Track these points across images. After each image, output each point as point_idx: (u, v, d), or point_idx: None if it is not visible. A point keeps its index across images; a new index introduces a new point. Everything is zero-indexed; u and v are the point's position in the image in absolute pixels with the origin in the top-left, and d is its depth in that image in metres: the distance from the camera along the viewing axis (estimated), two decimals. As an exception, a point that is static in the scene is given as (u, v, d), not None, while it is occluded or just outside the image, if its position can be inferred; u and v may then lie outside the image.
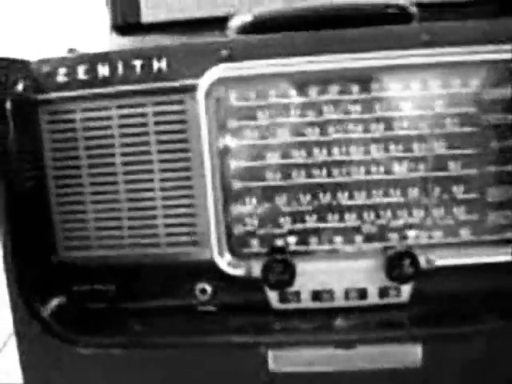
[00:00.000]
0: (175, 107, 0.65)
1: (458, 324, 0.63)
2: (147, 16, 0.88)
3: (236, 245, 0.68)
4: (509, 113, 0.64)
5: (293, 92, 0.65)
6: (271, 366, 0.62)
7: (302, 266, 0.66)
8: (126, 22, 0.90)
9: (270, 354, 0.62)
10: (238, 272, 0.66)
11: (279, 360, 0.62)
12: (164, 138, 0.66)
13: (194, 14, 0.87)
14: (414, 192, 0.66)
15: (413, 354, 0.61)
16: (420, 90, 0.65)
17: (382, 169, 0.66)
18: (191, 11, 0.87)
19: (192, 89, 0.65)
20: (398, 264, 0.64)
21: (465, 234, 0.67)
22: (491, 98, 0.64)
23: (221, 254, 0.66)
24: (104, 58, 0.66)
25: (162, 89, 0.65)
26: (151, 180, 0.67)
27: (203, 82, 0.64)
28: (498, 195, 0.66)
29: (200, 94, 0.64)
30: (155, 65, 0.65)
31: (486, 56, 0.63)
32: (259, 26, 0.66)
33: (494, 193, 0.66)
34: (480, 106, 0.65)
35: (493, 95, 0.64)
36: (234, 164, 0.67)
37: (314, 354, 0.62)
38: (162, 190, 0.67)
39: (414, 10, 0.68)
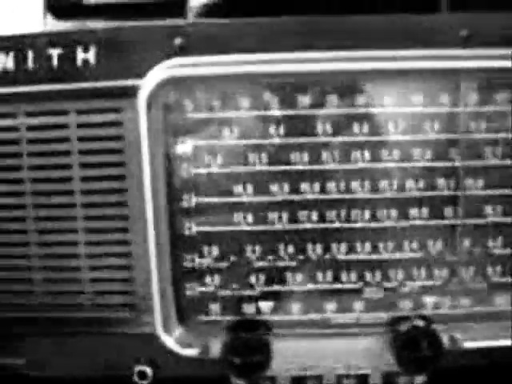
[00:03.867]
0: (107, 117, 0.49)
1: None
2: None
3: (188, 311, 0.53)
4: None
5: (273, 101, 0.49)
6: None
7: (280, 344, 0.51)
8: (65, 2, 0.73)
9: None
10: (190, 352, 0.51)
11: None
12: (91, 159, 0.50)
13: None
14: (435, 245, 0.51)
15: None
16: (450, 107, 0.49)
17: (393, 212, 0.51)
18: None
19: (131, 92, 0.48)
20: (412, 345, 0.49)
21: (501, 302, 0.52)
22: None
23: (166, 325, 0.51)
24: (7, 44, 0.48)
25: (88, 91, 0.49)
26: (73, 218, 0.51)
27: (146, 83, 0.48)
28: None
29: (141, 101, 0.48)
30: (79, 56, 0.49)
31: None
32: (227, 6, 0.51)
33: None
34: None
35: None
36: (187, 199, 0.51)
37: None
38: (88, 231, 0.51)
39: None
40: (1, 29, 0.60)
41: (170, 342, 0.50)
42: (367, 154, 0.49)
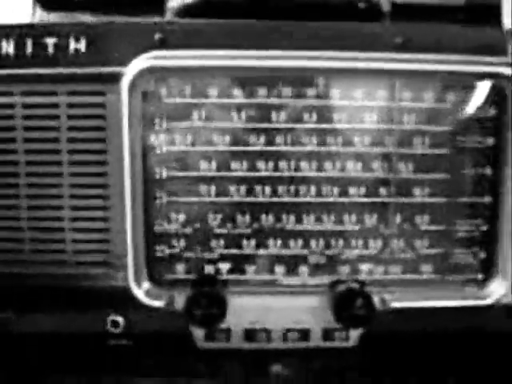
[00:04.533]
0: (93, 99, 0.55)
1: (410, 375, 0.55)
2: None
3: (157, 270, 0.58)
4: (488, 136, 0.55)
5: (236, 91, 0.56)
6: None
7: (235, 300, 0.57)
8: None
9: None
10: (158, 303, 0.57)
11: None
12: (78, 135, 0.55)
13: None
14: (371, 219, 0.58)
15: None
16: (386, 101, 0.56)
17: (335, 189, 0.57)
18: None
19: (115, 78, 0.54)
20: (348, 303, 0.55)
21: (427, 271, 0.59)
22: (469, 118, 0.56)
23: (137, 280, 0.57)
24: (9, 32, 0.54)
25: (78, 75, 0.55)
26: (59, 185, 0.56)
27: (129, 71, 0.54)
28: (467, 229, 0.58)
29: (124, 86, 0.54)
30: (72, 45, 0.54)
31: (468, 68, 0.55)
32: (203, 8, 0.57)
33: (462, 226, 0.58)
34: (455, 126, 0.57)
35: (470, 114, 0.55)
36: (159, 172, 0.57)
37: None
38: (72, 197, 0.56)
39: (386, 7, 0.58)
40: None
41: (140, 294, 0.56)
42: (315, 139, 0.56)
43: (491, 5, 0.82)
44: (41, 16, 0.78)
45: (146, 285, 0.57)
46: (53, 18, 0.78)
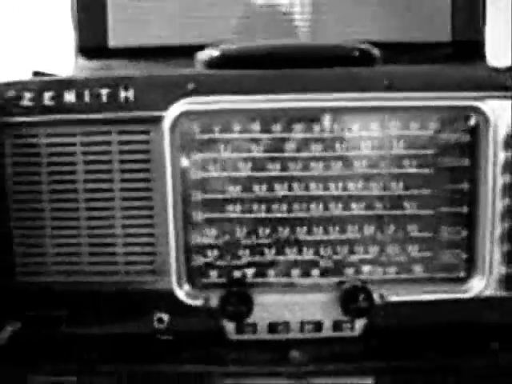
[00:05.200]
0: (140, 137, 0.66)
1: (407, 359, 0.65)
2: (114, 40, 0.89)
3: (195, 275, 0.68)
4: (464, 157, 0.67)
5: (256, 128, 0.66)
6: (226, 397, 0.63)
7: (260, 298, 0.66)
8: (93, 45, 0.90)
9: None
10: (196, 302, 0.67)
11: (233, 392, 0.63)
12: (127, 166, 0.66)
13: (163, 41, 0.88)
14: (369, 229, 0.68)
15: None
16: (379, 132, 0.67)
17: (339, 205, 0.67)
18: (160, 38, 0.88)
19: (157, 120, 0.65)
20: (352, 298, 0.66)
21: (418, 270, 0.69)
22: (448, 142, 0.67)
23: (179, 284, 0.67)
24: (70, 84, 0.66)
25: (127, 118, 0.66)
26: (112, 208, 0.67)
27: (169, 115, 0.64)
28: (451, 235, 0.68)
29: (165, 126, 0.64)
30: (122, 94, 0.65)
31: (444, 103, 0.65)
32: (226, 61, 0.67)
33: (446, 233, 0.68)
34: (437, 149, 0.67)
35: (449, 139, 0.67)
36: (195, 195, 0.68)
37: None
38: (123, 218, 0.67)
39: (377, 52, 0.70)
40: (39, 67, 0.74)
41: (181, 295, 0.66)
42: (321, 165, 0.66)
43: (477, 40, 0.94)
44: (82, 64, 0.90)
45: (186, 287, 0.67)
46: (92, 65, 0.90)
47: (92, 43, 0.90)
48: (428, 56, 0.87)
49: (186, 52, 0.74)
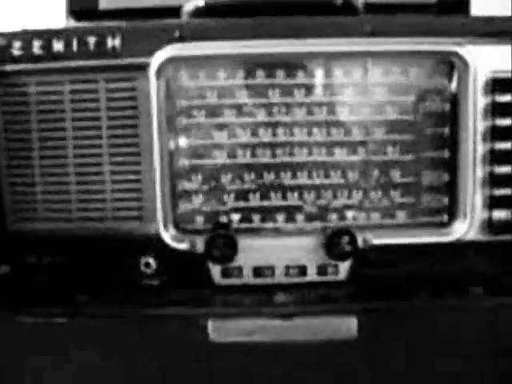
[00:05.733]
0: (127, 84, 0.67)
1: (391, 299, 0.66)
2: (105, 2, 0.90)
3: (181, 221, 0.69)
4: (444, 102, 0.68)
5: (240, 74, 0.67)
6: (211, 336, 0.64)
7: (245, 242, 0.67)
8: (84, 7, 0.92)
9: (210, 324, 0.64)
10: (182, 246, 0.68)
11: (219, 330, 0.64)
12: (114, 114, 0.67)
13: (153, 2, 0.90)
14: (353, 175, 0.69)
15: (349, 325, 0.63)
16: (362, 78, 0.68)
17: (323, 151, 0.69)
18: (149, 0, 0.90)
19: (144, 67, 0.66)
20: (336, 242, 0.67)
21: (401, 216, 0.70)
22: (429, 88, 0.68)
23: (166, 228, 0.68)
24: (59, 33, 0.67)
25: (114, 66, 0.67)
26: (100, 155, 0.68)
27: (155, 61, 0.65)
28: (432, 180, 0.69)
29: (151, 72, 0.65)
30: (109, 42, 0.67)
31: (424, 47, 0.66)
32: (210, 10, 0.69)
33: (428, 177, 0.69)
34: (418, 95, 0.68)
35: (430, 85, 0.68)
36: (182, 142, 0.69)
37: (253, 324, 0.64)
38: (111, 164, 0.68)
39: (359, 4, 0.71)
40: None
41: (167, 239, 0.67)
42: (305, 111, 0.67)
43: (461, 1, 0.95)
44: (71, 25, 0.91)
45: (173, 231, 0.69)
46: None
47: (83, 5, 0.92)
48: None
49: (176, 13, 0.76)
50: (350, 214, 0.70)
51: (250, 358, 0.65)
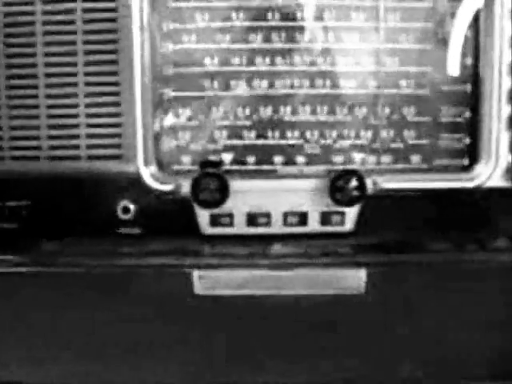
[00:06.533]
0: (106, 4, 0.59)
1: (404, 252, 0.58)
2: None
3: (165, 161, 0.62)
4: (467, 28, 0.60)
5: None
6: (196, 288, 0.55)
7: (237, 185, 0.59)
8: None
9: (195, 275, 0.55)
10: (165, 188, 0.60)
11: (205, 283, 0.56)
12: (92, 38, 0.60)
13: None
14: (361, 111, 0.61)
15: (357, 279, 0.55)
16: (373, 2, 0.60)
17: (328, 83, 0.61)
18: None
19: None
20: (342, 185, 0.58)
21: (415, 159, 0.62)
22: (449, 12, 0.60)
23: (146, 166, 0.60)
24: None
25: None
26: (75, 84, 0.60)
27: None
28: (452, 117, 0.61)
29: None
30: None
31: None
32: None
33: (447, 115, 0.62)
34: (436, 22, 0.61)
35: (451, 9, 0.60)
36: (167, 70, 0.61)
37: (247, 275, 0.55)
38: (87, 95, 0.60)
39: None
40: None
41: (148, 178, 0.59)
42: (307, 36, 0.59)
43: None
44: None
45: (154, 171, 0.61)
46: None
47: None
48: None
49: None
50: (357, 156, 0.62)
51: (240, 315, 0.56)
